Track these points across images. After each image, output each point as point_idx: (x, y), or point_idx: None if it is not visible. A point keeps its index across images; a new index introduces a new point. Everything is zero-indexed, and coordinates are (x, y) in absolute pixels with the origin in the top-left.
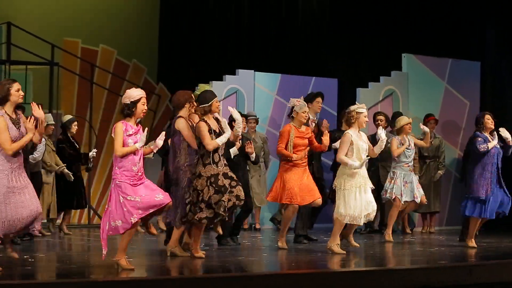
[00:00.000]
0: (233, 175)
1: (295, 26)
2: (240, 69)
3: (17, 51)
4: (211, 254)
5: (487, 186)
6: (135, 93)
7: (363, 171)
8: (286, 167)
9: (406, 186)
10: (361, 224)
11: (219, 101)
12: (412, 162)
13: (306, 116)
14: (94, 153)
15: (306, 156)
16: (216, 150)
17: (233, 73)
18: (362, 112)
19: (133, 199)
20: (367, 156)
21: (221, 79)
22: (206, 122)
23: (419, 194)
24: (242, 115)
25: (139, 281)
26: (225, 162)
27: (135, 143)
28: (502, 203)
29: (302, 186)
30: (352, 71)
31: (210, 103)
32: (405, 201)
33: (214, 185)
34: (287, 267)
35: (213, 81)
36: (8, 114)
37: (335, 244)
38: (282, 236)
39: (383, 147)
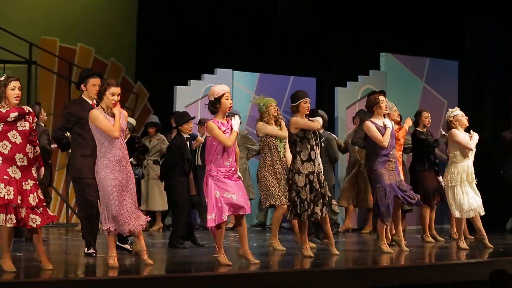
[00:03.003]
0: None
1: (273, 25)
2: (219, 68)
3: None
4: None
5: None
6: (218, 89)
7: (472, 166)
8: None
9: None
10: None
11: (198, 100)
12: None
13: (398, 115)
14: None
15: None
16: (313, 148)
17: (212, 72)
18: (456, 114)
19: (229, 196)
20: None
21: (199, 78)
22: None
23: None
24: None
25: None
26: None
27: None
28: None
29: None
30: (330, 70)
31: (297, 103)
32: None
33: (311, 183)
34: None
35: (191, 80)
36: (102, 108)
37: (461, 240)
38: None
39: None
